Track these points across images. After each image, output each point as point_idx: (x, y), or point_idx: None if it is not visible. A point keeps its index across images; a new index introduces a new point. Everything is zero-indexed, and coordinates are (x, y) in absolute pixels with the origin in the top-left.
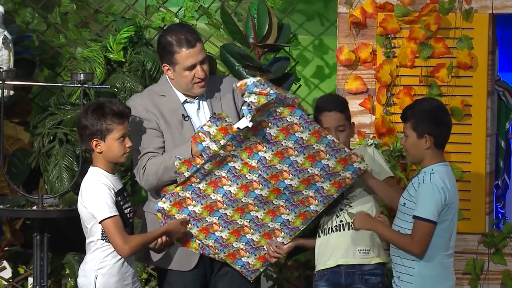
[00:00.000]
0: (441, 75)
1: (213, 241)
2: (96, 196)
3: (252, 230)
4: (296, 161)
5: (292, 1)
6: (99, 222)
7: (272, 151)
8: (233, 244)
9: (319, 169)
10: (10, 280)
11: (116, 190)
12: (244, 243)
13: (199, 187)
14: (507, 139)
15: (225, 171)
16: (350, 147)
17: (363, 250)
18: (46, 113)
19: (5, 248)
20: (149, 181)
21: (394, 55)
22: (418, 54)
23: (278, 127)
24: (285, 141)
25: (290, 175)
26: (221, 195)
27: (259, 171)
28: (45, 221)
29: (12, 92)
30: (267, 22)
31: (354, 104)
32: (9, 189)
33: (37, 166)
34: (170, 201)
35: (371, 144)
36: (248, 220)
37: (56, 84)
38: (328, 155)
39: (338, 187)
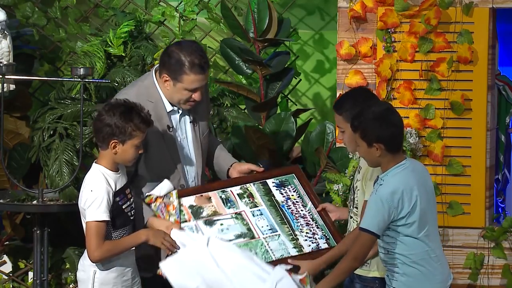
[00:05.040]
0: (441, 70)
1: None
2: (92, 196)
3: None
4: None
5: None
6: (86, 221)
7: None
8: None
9: None
10: (11, 275)
11: (116, 189)
12: None
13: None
14: (507, 133)
15: None
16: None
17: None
18: (46, 107)
19: (5, 243)
20: None
21: (394, 50)
22: (418, 48)
23: None
24: None
25: None
26: None
27: None
28: (45, 215)
29: (12, 87)
30: (267, 16)
31: None
32: (9, 183)
33: (37, 160)
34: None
35: None
36: None
37: (56, 79)
38: None
39: None
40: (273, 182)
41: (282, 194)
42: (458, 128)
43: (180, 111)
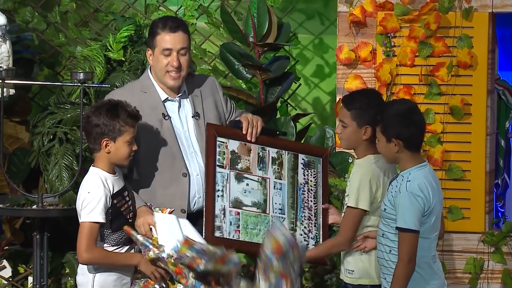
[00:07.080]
0: (441, 74)
1: None
2: (89, 198)
3: None
4: None
5: (292, 0)
6: (80, 221)
7: None
8: None
9: None
10: (10, 280)
11: (114, 192)
12: None
13: None
14: (507, 138)
15: None
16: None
17: (348, 270)
18: (46, 112)
19: (5, 247)
20: None
21: (394, 54)
22: (418, 53)
23: None
24: None
25: None
26: None
27: None
28: (45, 220)
29: (12, 91)
30: (267, 21)
31: None
32: (9, 188)
33: (37, 165)
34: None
35: None
36: None
37: (56, 83)
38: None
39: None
40: (302, 159)
41: (304, 175)
42: (458, 132)
43: (177, 102)
